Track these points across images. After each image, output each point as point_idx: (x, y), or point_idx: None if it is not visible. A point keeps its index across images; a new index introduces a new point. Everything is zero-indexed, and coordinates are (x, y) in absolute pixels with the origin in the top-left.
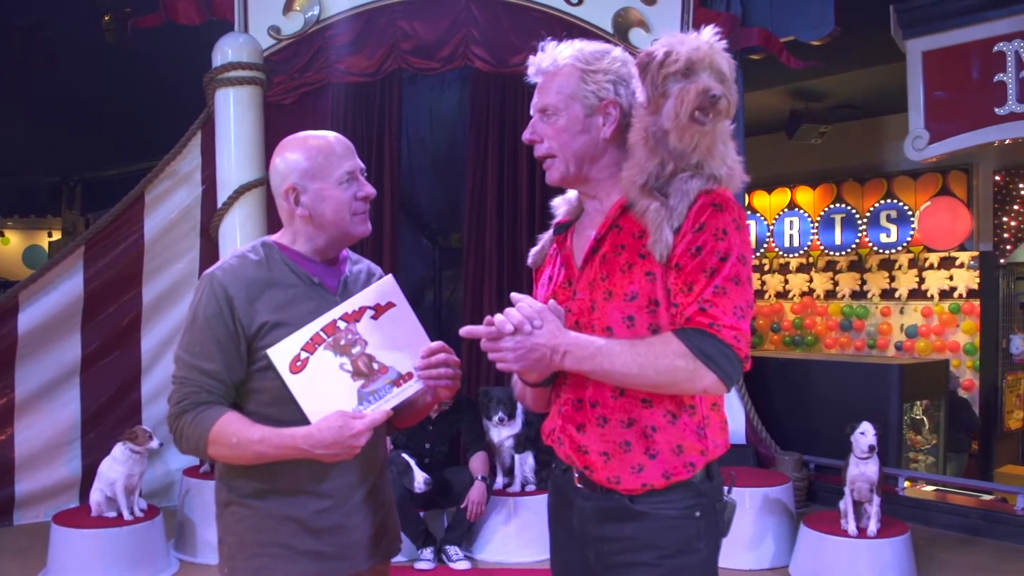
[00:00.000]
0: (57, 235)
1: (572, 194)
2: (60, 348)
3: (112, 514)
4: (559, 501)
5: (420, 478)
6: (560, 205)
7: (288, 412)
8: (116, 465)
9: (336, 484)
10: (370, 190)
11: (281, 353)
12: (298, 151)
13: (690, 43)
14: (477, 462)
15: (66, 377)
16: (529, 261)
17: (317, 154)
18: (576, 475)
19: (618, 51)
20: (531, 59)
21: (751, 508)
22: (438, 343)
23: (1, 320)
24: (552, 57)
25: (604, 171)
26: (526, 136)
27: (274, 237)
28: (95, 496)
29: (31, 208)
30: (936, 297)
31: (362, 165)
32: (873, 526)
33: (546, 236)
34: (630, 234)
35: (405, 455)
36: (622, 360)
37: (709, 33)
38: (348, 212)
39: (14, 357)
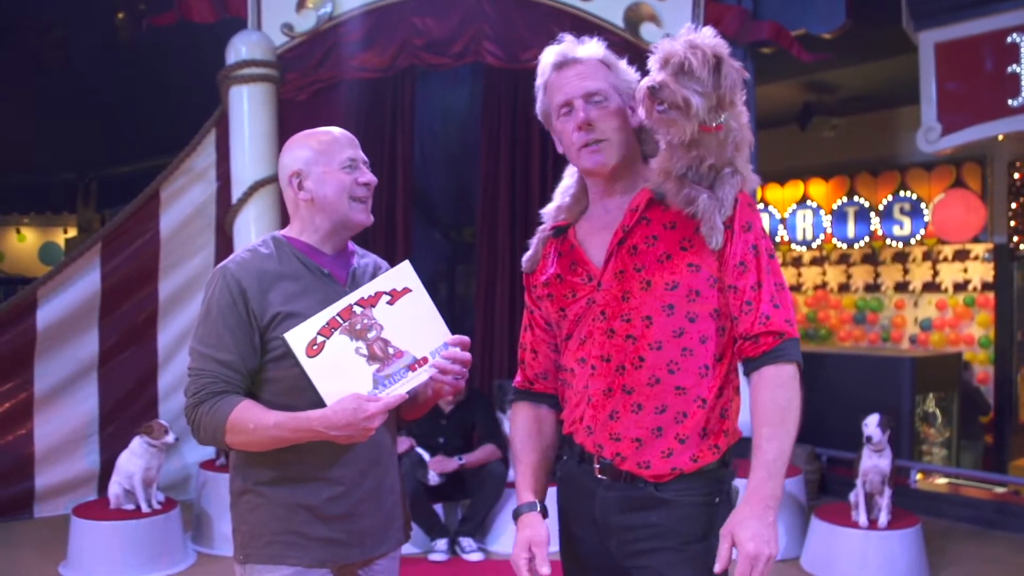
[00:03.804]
0: (73, 232)
1: (564, 199)
2: (78, 344)
3: (130, 507)
4: (576, 493)
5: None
6: (558, 212)
7: (301, 400)
8: (134, 458)
9: (347, 471)
10: (371, 177)
11: (298, 337)
12: (303, 143)
13: (663, 47)
14: (483, 451)
15: (84, 372)
16: (524, 267)
17: (320, 143)
18: (597, 466)
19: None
20: (554, 47)
21: None
22: (465, 338)
23: (20, 317)
24: (584, 47)
25: (634, 164)
26: (588, 116)
27: (282, 232)
28: (113, 489)
29: (47, 206)
30: (950, 290)
31: (365, 158)
32: (884, 518)
33: (536, 240)
34: (660, 225)
35: (419, 448)
36: (784, 434)
37: (685, 29)
38: (347, 195)
39: (33, 353)
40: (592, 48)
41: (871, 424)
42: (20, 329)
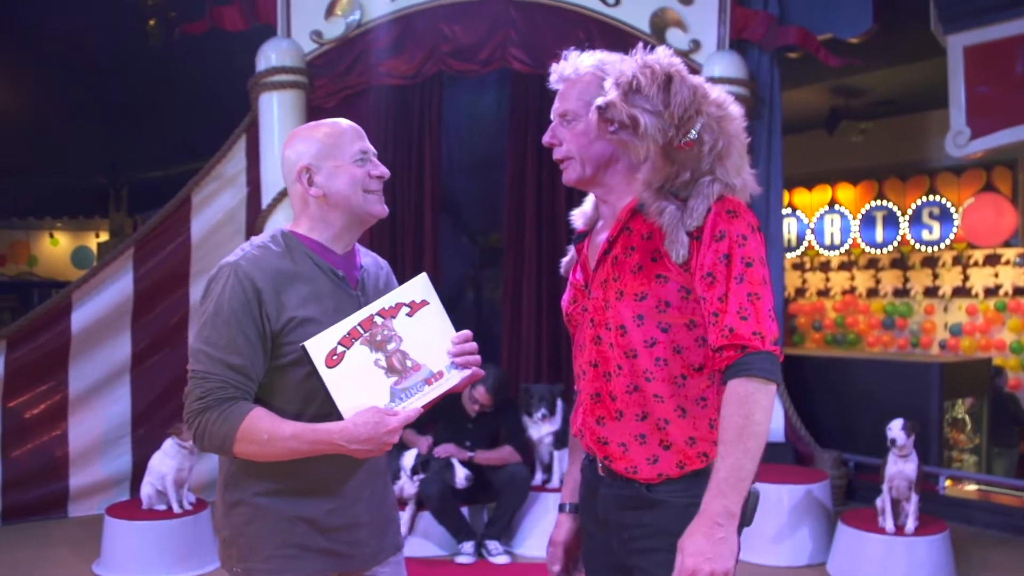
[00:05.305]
0: (105, 236)
1: (588, 206)
2: (111, 346)
3: (162, 507)
4: (587, 491)
5: (461, 474)
6: (577, 217)
7: (309, 409)
8: (166, 459)
9: (348, 483)
10: (384, 170)
11: (318, 346)
12: (309, 137)
13: (617, 67)
14: (499, 451)
15: (117, 374)
16: (561, 271)
17: (328, 136)
18: (600, 464)
19: None
20: (553, 67)
21: (789, 505)
22: (467, 332)
23: (55, 319)
24: (574, 65)
25: (618, 176)
26: (546, 139)
27: (290, 227)
28: (146, 489)
29: (79, 210)
30: (981, 295)
31: (375, 150)
32: (911, 524)
33: (573, 246)
34: (639, 236)
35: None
36: (739, 452)
37: (639, 50)
38: (362, 189)
39: (68, 355)
40: (586, 62)
41: (895, 428)
42: (55, 332)
